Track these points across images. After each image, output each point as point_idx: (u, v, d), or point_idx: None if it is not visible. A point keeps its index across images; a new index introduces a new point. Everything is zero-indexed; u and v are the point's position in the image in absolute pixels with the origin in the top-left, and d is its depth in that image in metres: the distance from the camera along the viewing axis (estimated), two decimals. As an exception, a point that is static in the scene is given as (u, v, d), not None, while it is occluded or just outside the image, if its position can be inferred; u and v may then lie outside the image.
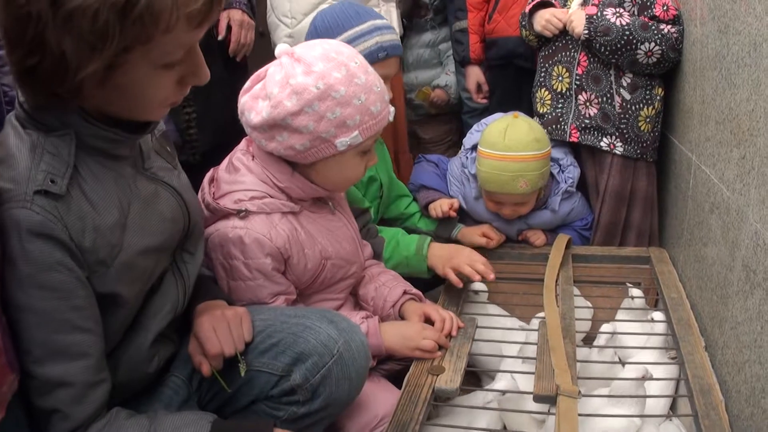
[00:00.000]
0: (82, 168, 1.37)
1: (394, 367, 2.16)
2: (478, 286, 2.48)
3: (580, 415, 1.73)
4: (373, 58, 2.36)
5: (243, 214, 1.91)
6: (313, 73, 1.81)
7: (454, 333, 2.13)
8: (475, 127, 2.87)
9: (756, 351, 1.68)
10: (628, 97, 2.72)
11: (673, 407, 2.07)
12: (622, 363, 2.20)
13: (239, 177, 1.96)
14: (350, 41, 2.33)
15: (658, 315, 2.29)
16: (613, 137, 2.75)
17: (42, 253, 1.28)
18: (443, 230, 2.80)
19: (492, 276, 2.33)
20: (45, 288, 1.29)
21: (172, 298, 1.61)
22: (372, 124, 1.89)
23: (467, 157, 2.78)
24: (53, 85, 1.27)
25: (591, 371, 2.14)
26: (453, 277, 2.36)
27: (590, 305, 2.54)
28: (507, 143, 2.54)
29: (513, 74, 3.38)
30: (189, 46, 1.36)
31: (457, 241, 2.78)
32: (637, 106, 2.72)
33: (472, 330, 2.18)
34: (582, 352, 2.15)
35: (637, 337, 2.25)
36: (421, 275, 2.47)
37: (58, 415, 1.34)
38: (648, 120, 2.74)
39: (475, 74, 3.58)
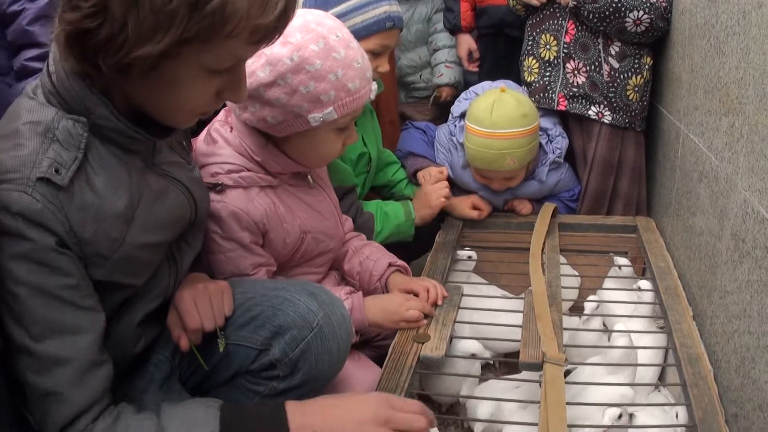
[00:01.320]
0: (92, 156, 1.34)
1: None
2: (467, 254, 2.50)
3: (568, 383, 1.73)
4: (380, 26, 2.33)
5: (219, 188, 1.87)
6: (290, 45, 1.76)
7: (439, 302, 2.13)
8: (463, 95, 2.85)
9: (745, 321, 1.68)
10: (616, 65, 2.71)
11: (660, 377, 2.07)
12: (607, 331, 2.19)
13: (216, 149, 1.92)
14: (360, 7, 2.30)
15: (645, 284, 2.29)
16: (602, 106, 2.74)
17: (39, 237, 1.25)
18: None
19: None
20: (42, 264, 1.26)
21: (163, 283, 1.58)
22: (348, 101, 1.84)
23: (455, 125, 2.76)
24: (102, 56, 1.23)
25: (578, 340, 2.14)
26: (444, 202, 2.59)
27: (577, 274, 2.53)
28: (494, 120, 2.50)
29: (503, 44, 3.35)
30: (239, 60, 1.36)
31: (445, 212, 2.78)
32: (626, 75, 2.71)
33: (458, 298, 2.17)
34: (568, 322, 2.15)
35: (624, 306, 2.25)
36: (407, 239, 2.50)
37: (56, 398, 1.29)
38: (636, 89, 2.73)
39: (466, 42, 3.56)
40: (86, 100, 1.31)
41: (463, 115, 2.71)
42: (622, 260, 2.45)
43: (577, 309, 2.42)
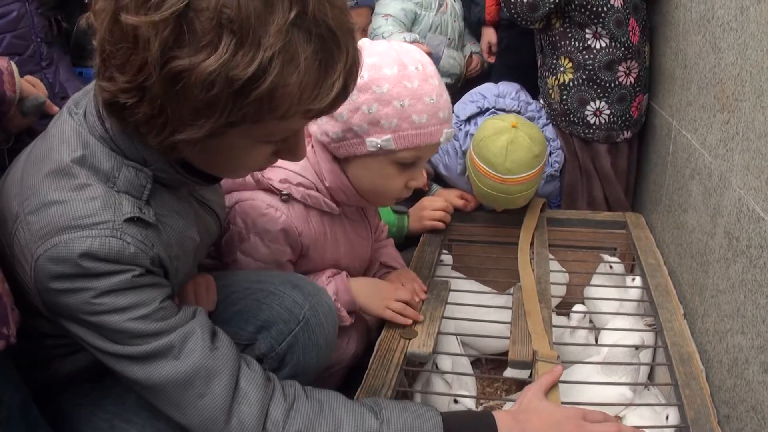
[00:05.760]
0: (153, 199, 1.32)
1: None
2: (444, 257, 2.46)
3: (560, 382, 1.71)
4: None
5: (285, 197, 1.85)
6: (368, 62, 1.71)
7: (417, 297, 2.08)
8: (467, 96, 2.78)
9: (739, 320, 1.66)
10: (539, 62, 2.82)
11: (650, 376, 2.06)
12: (595, 329, 2.18)
13: None
14: None
15: (635, 280, 2.27)
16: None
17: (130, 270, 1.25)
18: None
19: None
20: (135, 288, 1.26)
21: None
22: (411, 134, 1.75)
23: (460, 129, 2.69)
24: (144, 132, 1.18)
25: (565, 339, 2.12)
26: (437, 224, 2.48)
27: (564, 270, 2.51)
28: (509, 166, 2.36)
29: (520, 31, 3.36)
30: (295, 131, 1.30)
31: None
32: (545, 74, 2.78)
33: (446, 293, 2.14)
34: (555, 320, 2.13)
35: (613, 304, 2.23)
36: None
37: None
38: (552, 89, 2.77)
39: (487, 36, 3.61)
40: (144, 153, 1.28)
41: (469, 120, 2.67)
42: (612, 259, 2.43)
43: (564, 306, 2.41)
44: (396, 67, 1.71)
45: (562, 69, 2.71)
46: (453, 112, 2.66)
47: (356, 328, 2.05)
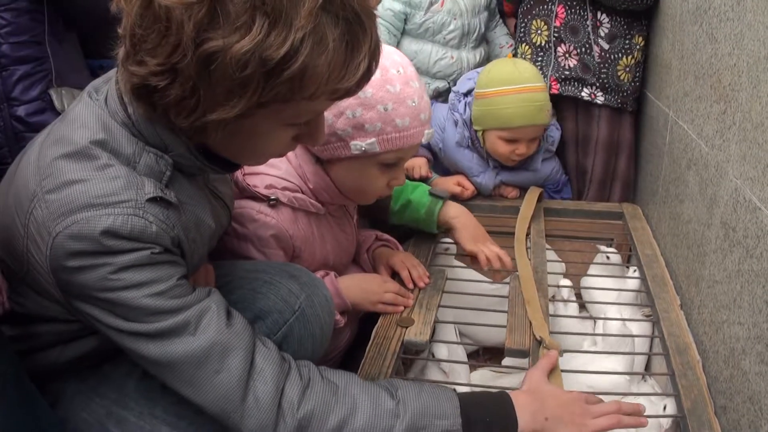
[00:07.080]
0: (172, 184, 1.33)
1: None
2: (448, 245, 2.44)
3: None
4: None
5: (273, 202, 1.87)
6: None
7: (420, 284, 2.11)
8: (466, 75, 2.80)
9: (735, 311, 1.66)
10: (606, 46, 2.72)
11: (647, 366, 2.06)
12: (591, 318, 2.19)
13: (276, 161, 1.89)
14: None
15: (632, 271, 2.27)
16: (594, 87, 2.77)
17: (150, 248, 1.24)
18: None
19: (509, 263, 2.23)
20: (152, 264, 1.25)
21: None
22: (394, 137, 1.79)
23: (459, 101, 2.72)
24: (173, 115, 1.20)
25: (561, 327, 2.12)
26: (483, 258, 2.23)
27: (561, 260, 2.51)
28: (525, 75, 2.51)
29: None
30: (319, 113, 1.34)
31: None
32: (616, 56, 2.73)
33: (442, 282, 2.15)
34: (551, 308, 2.13)
35: (610, 295, 2.23)
36: (430, 231, 2.40)
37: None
38: (627, 69, 2.75)
39: (510, 26, 3.59)
40: (166, 139, 1.29)
41: (468, 93, 2.68)
42: (609, 250, 2.43)
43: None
44: (378, 71, 1.72)
45: (637, 47, 2.77)
46: (451, 89, 2.78)
47: (349, 315, 2.05)
